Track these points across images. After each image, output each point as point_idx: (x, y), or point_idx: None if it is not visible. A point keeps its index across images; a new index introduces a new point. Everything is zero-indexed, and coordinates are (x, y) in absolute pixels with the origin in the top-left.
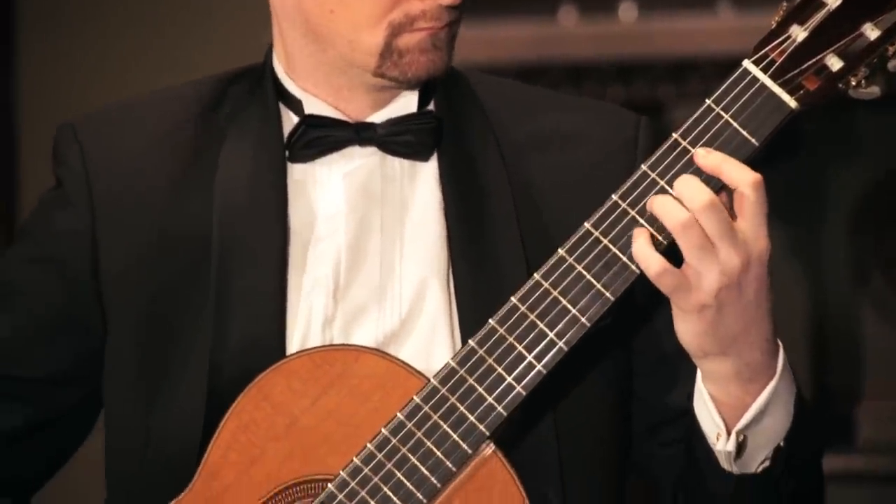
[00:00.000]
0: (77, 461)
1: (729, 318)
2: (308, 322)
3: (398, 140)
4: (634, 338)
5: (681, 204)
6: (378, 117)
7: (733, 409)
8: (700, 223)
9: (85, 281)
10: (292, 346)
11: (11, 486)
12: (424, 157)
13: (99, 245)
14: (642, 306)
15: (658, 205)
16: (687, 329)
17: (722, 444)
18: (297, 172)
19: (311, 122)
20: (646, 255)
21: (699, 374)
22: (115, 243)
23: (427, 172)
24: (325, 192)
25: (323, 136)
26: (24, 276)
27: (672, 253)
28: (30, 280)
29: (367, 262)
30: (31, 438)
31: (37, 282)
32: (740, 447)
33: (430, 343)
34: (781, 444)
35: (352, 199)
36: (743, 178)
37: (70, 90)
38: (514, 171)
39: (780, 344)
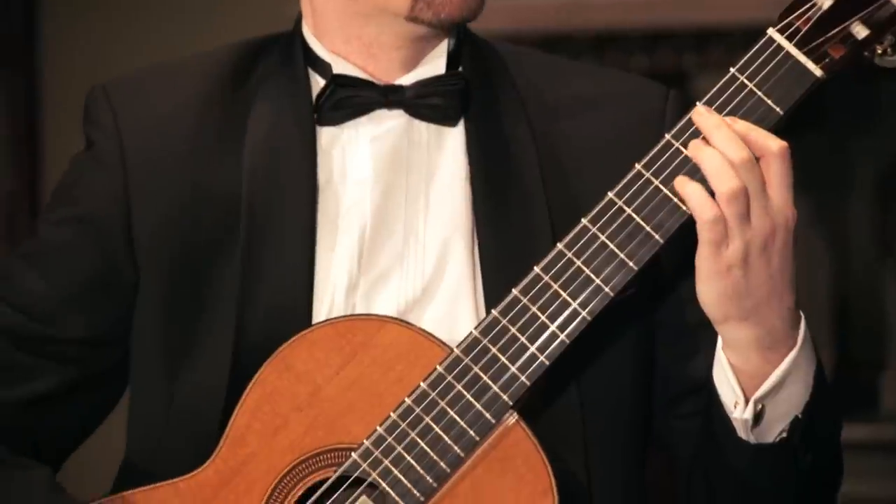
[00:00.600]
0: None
1: (753, 282)
2: (333, 289)
3: (426, 103)
4: (658, 308)
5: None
6: (406, 80)
7: (752, 378)
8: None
9: (119, 242)
10: (319, 313)
11: (47, 448)
12: (452, 122)
13: (131, 206)
14: (666, 277)
15: (710, 166)
16: (710, 291)
17: (739, 412)
18: (326, 136)
19: (339, 82)
20: (702, 201)
21: (719, 341)
22: (146, 205)
23: (454, 138)
24: (352, 156)
25: (351, 97)
26: (58, 237)
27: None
28: (65, 241)
29: (391, 228)
30: (67, 399)
31: (72, 243)
32: (758, 416)
33: (453, 310)
34: (799, 415)
35: (378, 165)
36: (770, 145)
37: (94, 59)
38: (541, 138)
39: (802, 315)
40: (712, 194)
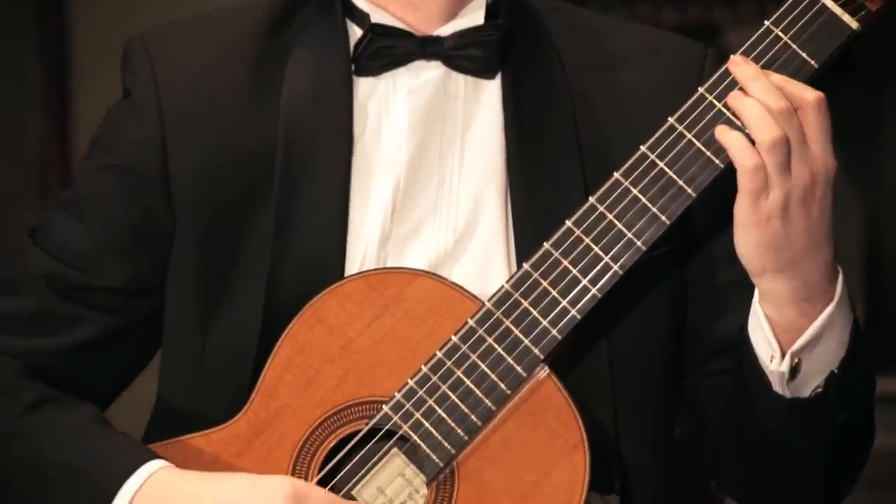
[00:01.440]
0: None
1: (793, 233)
2: (366, 242)
3: (464, 54)
4: (690, 266)
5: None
6: (445, 31)
7: (788, 332)
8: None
9: (156, 190)
10: (351, 265)
11: (89, 396)
12: (489, 75)
13: (168, 154)
14: (699, 235)
15: (751, 115)
16: (749, 242)
17: (776, 365)
18: (363, 87)
19: (377, 31)
20: (743, 149)
21: (755, 294)
22: (183, 153)
23: (490, 92)
24: (389, 108)
25: (388, 47)
26: (97, 186)
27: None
28: (103, 190)
29: (425, 181)
30: (108, 348)
31: (110, 191)
32: (794, 371)
33: (485, 263)
34: (836, 370)
35: (414, 117)
36: (806, 96)
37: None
38: (576, 94)
39: (839, 269)
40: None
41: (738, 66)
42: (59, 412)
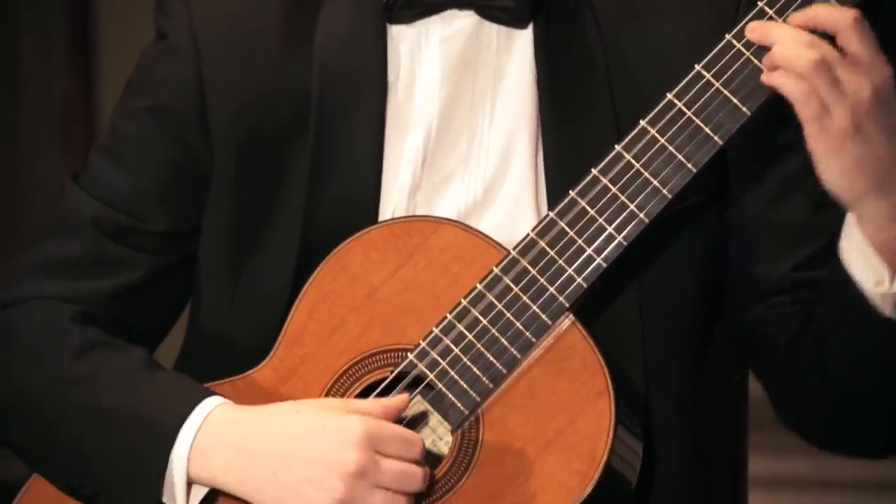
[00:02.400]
0: None
1: (874, 149)
2: (397, 191)
3: (496, 4)
4: (735, 215)
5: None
6: None
7: (894, 254)
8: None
9: (194, 131)
10: (383, 213)
11: (137, 338)
12: (521, 24)
13: (205, 95)
14: (739, 181)
15: (784, 42)
16: (833, 169)
17: (887, 286)
18: (396, 35)
19: None
20: (789, 80)
21: (852, 220)
22: (219, 95)
23: (523, 42)
24: (421, 56)
25: None
26: (136, 128)
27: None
28: (142, 132)
29: (456, 131)
30: (154, 289)
31: (149, 133)
32: None
33: (514, 214)
34: None
35: (446, 66)
36: (842, 19)
37: None
38: (609, 43)
39: None
40: None
41: (756, 27)
42: (111, 356)
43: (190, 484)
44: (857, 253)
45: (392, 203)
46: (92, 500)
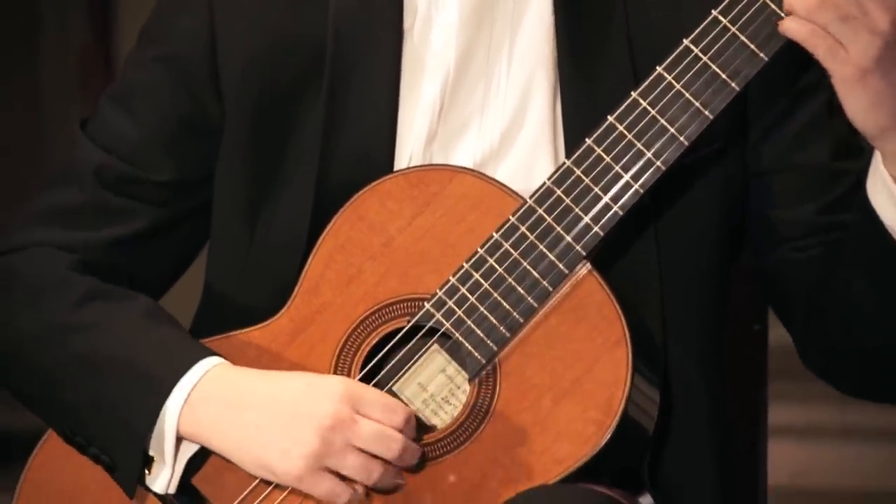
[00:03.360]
0: None
1: None
2: (413, 139)
3: None
4: (756, 160)
5: None
6: None
7: None
8: None
9: (205, 82)
10: (399, 162)
11: (140, 289)
12: None
13: (217, 46)
14: (761, 126)
15: None
16: (856, 105)
17: None
18: None
19: None
20: (796, 24)
21: (877, 158)
22: (231, 45)
23: None
24: (438, 2)
25: None
26: (146, 77)
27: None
28: (152, 81)
29: (473, 79)
30: (157, 241)
31: (159, 83)
32: None
33: (530, 163)
34: None
35: (463, 12)
36: None
37: None
38: None
39: None
40: None
41: None
42: (113, 306)
43: (179, 441)
44: (883, 192)
45: (408, 152)
46: (84, 450)
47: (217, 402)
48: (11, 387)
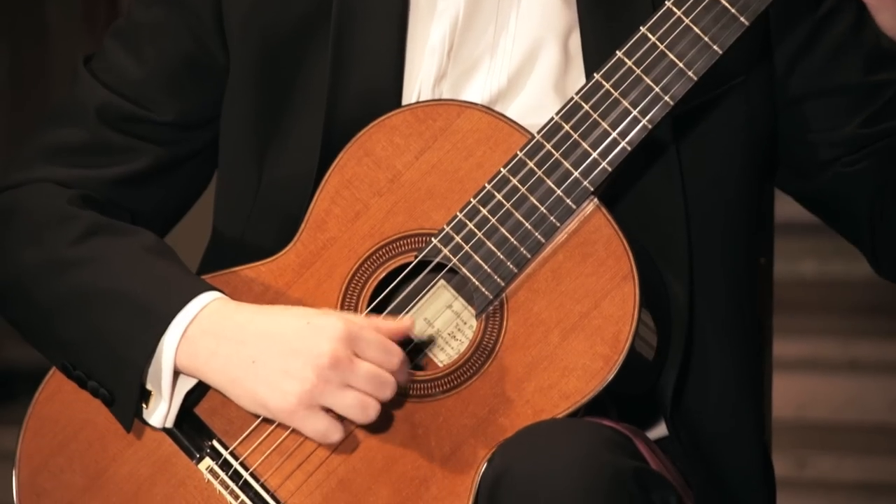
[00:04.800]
0: None
1: None
2: (422, 79)
3: None
4: (785, 90)
5: None
6: None
7: None
8: None
9: (209, 23)
10: (408, 100)
11: (143, 225)
12: None
13: None
14: (789, 55)
15: None
16: (888, 14)
17: None
18: None
19: None
20: None
21: None
22: None
23: None
24: None
25: None
26: (150, 18)
27: None
28: (157, 22)
29: (483, 19)
30: (161, 179)
31: (163, 23)
32: None
33: (540, 103)
34: None
35: None
36: None
37: None
38: None
39: None
40: None
41: None
42: (112, 240)
43: (176, 375)
44: None
45: (416, 91)
46: (83, 383)
47: (214, 337)
48: (12, 320)
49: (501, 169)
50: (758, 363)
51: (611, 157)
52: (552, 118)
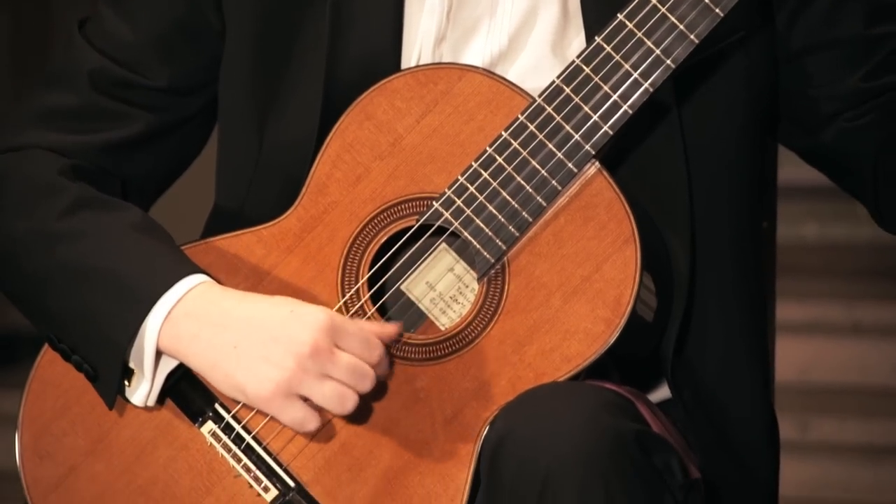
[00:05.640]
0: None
1: None
2: (421, 41)
3: None
4: (786, 45)
5: None
6: None
7: None
8: None
9: None
10: (407, 63)
11: (132, 194)
12: None
13: None
14: (789, 9)
15: None
16: None
17: None
18: None
19: None
20: None
21: None
22: None
23: None
24: None
25: None
26: None
27: None
28: None
29: None
30: (150, 146)
31: None
32: None
33: (541, 63)
34: None
35: None
36: None
37: None
38: None
39: None
40: None
41: None
42: (103, 215)
43: (159, 355)
44: None
45: (416, 53)
46: (67, 357)
47: (198, 320)
48: (2, 288)
49: (503, 132)
50: (761, 325)
51: (612, 120)
52: (553, 81)
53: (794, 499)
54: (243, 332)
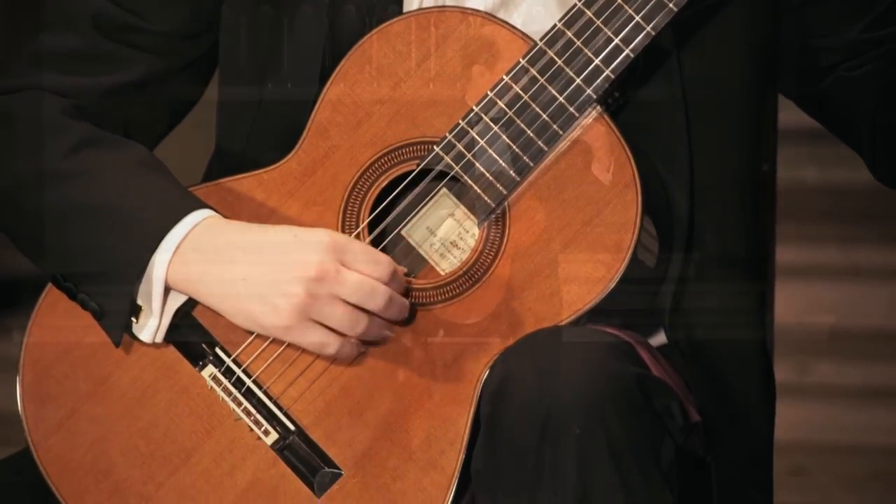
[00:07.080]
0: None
1: None
2: None
3: None
4: None
5: None
6: None
7: None
8: None
9: None
10: (410, 7)
11: (135, 136)
12: None
13: None
14: None
15: None
16: None
17: None
18: None
19: None
20: None
21: None
22: None
23: None
24: None
25: None
26: None
27: None
28: None
29: None
30: (154, 90)
31: None
32: None
33: (544, 9)
34: None
35: None
36: None
37: None
38: None
39: None
40: None
41: None
42: (105, 153)
43: (167, 291)
44: None
45: (417, 2)
46: (73, 295)
47: (205, 254)
48: (3, 228)
49: (504, 76)
50: (760, 270)
51: (614, 64)
52: (555, 25)
53: (793, 440)
54: (251, 263)
